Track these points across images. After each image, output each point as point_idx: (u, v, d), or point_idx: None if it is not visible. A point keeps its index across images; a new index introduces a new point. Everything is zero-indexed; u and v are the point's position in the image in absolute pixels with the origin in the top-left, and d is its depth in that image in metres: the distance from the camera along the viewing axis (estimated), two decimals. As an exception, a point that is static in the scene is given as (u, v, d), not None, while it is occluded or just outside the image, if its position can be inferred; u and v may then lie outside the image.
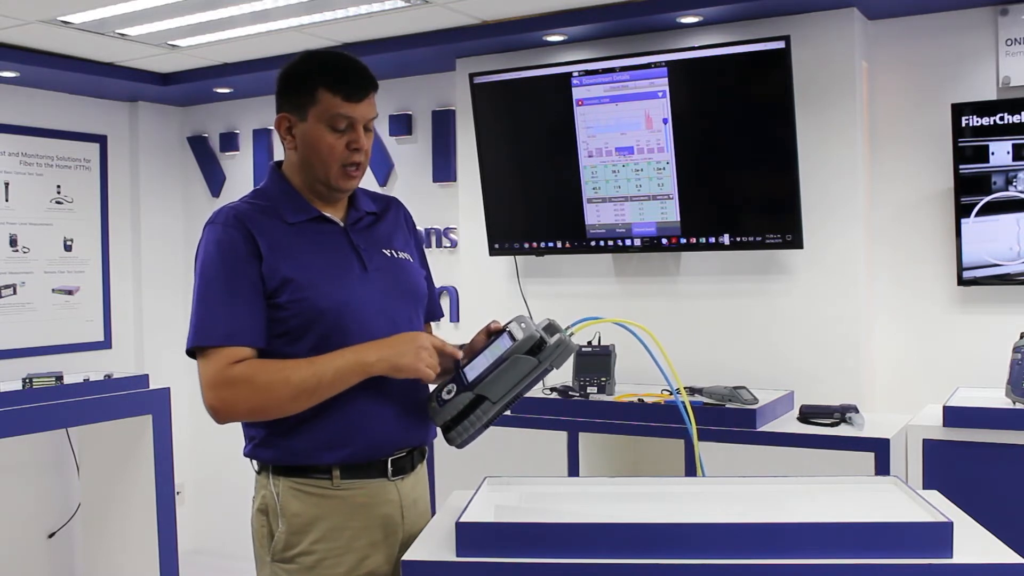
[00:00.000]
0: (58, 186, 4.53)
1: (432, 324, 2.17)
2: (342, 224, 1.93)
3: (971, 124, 3.14)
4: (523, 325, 1.80)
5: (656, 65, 3.37)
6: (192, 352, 1.81)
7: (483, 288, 4.01)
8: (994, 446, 2.76)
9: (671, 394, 3.23)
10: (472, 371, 1.81)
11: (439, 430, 1.90)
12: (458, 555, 1.59)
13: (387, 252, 1.95)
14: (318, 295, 1.81)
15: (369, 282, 1.88)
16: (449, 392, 1.81)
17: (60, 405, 3.49)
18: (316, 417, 1.80)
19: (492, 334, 1.87)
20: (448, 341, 2.04)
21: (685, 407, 1.87)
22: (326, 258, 1.86)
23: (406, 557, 1.62)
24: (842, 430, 2.92)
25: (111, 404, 3.65)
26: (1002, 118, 3.10)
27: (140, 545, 3.79)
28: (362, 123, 1.85)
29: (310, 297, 1.80)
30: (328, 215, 1.92)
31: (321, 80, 1.83)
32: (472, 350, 1.88)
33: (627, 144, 3.47)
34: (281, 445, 1.83)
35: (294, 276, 1.80)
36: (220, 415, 1.77)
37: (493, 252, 3.83)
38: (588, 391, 3.29)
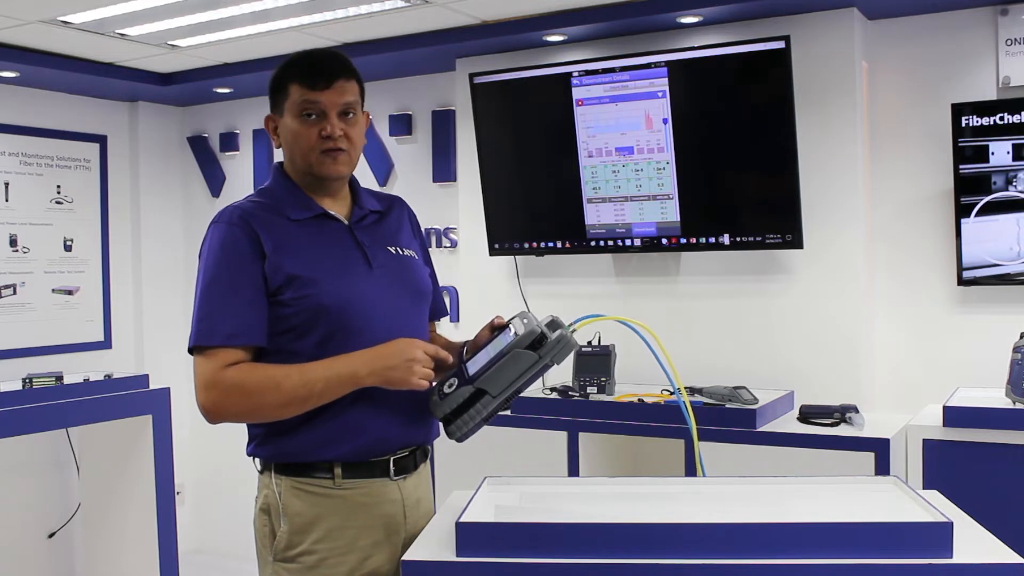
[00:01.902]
0: (58, 186, 4.53)
1: (436, 323, 2.17)
2: (346, 222, 1.93)
3: (971, 124, 3.14)
4: (525, 320, 1.81)
5: (656, 65, 3.37)
6: (193, 350, 1.82)
7: (483, 288, 4.01)
8: (994, 446, 2.76)
9: (671, 394, 3.23)
10: (474, 365, 1.82)
11: (441, 429, 1.90)
12: (458, 555, 1.59)
13: (392, 249, 1.96)
14: (322, 292, 1.81)
15: (374, 279, 1.89)
16: (450, 385, 1.82)
17: (60, 405, 3.49)
18: (318, 416, 1.81)
19: (495, 329, 1.88)
20: (450, 339, 2.04)
21: (686, 406, 1.87)
22: (330, 255, 1.87)
23: (406, 557, 1.63)
24: (842, 430, 2.92)
25: (111, 404, 3.65)
26: (1002, 118, 3.10)
27: (140, 545, 3.79)
28: (333, 110, 1.86)
29: (315, 293, 1.81)
30: (332, 213, 1.92)
31: (290, 74, 1.87)
32: (475, 345, 1.89)
33: (627, 144, 3.47)
34: (283, 443, 1.83)
35: (298, 273, 1.81)
36: (211, 416, 1.79)
37: (493, 252, 3.83)
38: (588, 391, 3.29)
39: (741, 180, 3.36)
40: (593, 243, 3.62)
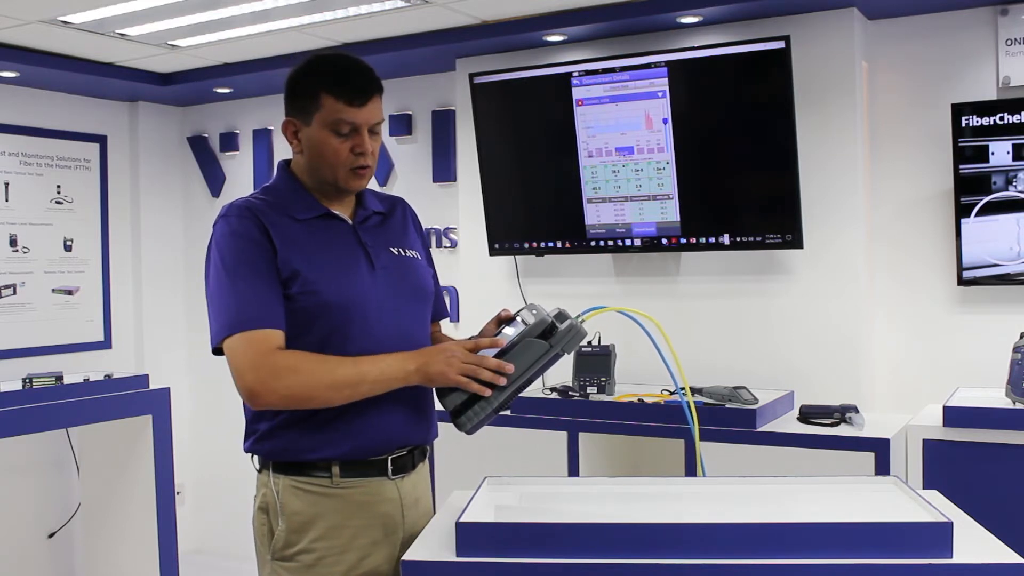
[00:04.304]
0: (58, 186, 4.53)
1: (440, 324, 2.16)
2: (350, 222, 1.93)
3: (971, 124, 3.14)
4: (534, 311, 1.82)
5: (656, 65, 3.37)
6: (218, 348, 1.79)
7: (483, 288, 4.01)
8: (994, 446, 2.76)
9: (671, 393, 3.23)
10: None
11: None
12: (458, 555, 1.59)
13: (395, 250, 1.96)
14: (326, 290, 1.81)
15: (376, 279, 1.89)
16: None
17: (60, 405, 3.49)
18: (317, 414, 1.81)
19: (502, 323, 1.88)
20: (454, 339, 2.03)
21: (689, 406, 1.87)
22: (334, 254, 1.87)
23: (406, 557, 1.62)
24: (842, 430, 2.92)
25: (111, 404, 3.65)
26: (1002, 118, 3.10)
27: (140, 545, 3.79)
28: (366, 127, 1.85)
29: (318, 291, 1.81)
30: (337, 213, 1.92)
31: (325, 85, 1.82)
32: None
33: (627, 144, 3.47)
34: (281, 440, 1.83)
35: (303, 270, 1.81)
36: (259, 398, 1.75)
37: (493, 252, 3.83)
38: (588, 391, 3.29)
39: (741, 180, 3.36)
40: (593, 243, 3.62)
